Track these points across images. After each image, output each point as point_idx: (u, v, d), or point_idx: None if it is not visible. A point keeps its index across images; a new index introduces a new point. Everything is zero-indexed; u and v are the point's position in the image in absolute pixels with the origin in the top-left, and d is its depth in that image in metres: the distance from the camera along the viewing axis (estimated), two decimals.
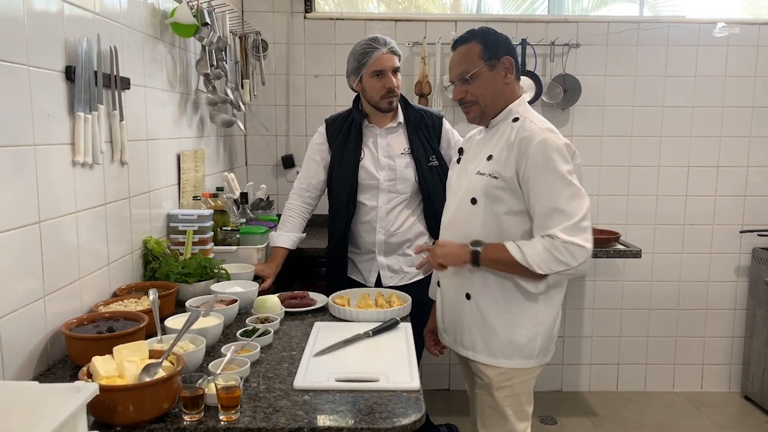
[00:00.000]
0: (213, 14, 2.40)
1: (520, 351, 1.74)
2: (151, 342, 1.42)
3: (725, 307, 3.57)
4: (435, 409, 3.24)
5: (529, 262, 1.59)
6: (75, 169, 1.58)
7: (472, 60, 1.73)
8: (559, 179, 1.59)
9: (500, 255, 1.64)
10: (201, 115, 2.66)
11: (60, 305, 1.52)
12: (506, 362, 1.74)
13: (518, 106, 1.76)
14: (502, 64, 1.73)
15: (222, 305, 1.76)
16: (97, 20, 1.70)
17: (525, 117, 1.71)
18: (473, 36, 1.76)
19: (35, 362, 1.42)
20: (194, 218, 2.17)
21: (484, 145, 1.79)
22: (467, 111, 1.80)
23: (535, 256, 1.59)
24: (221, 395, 1.20)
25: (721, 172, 3.46)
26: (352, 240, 2.44)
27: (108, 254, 1.78)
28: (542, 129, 1.65)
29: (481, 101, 1.75)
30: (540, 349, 1.75)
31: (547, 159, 1.60)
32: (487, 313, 1.74)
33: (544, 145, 1.61)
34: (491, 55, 1.72)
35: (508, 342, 1.73)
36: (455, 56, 1.78)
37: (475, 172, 1.75)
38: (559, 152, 1.60)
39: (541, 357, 1.77)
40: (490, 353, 1.75)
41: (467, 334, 1.79)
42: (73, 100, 1.55)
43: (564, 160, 1.60)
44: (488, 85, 1.73)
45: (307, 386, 1.35)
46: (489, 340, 1.75)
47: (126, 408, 1.15)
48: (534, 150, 1.61)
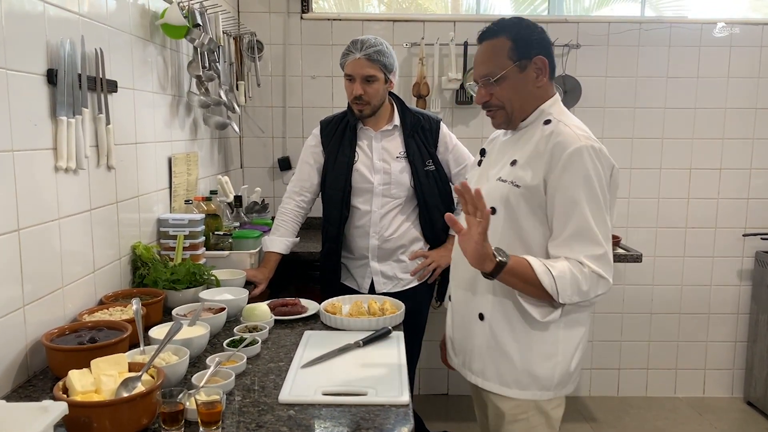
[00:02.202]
0: (205, 15, 2.36)
1: (537, 381, 1.53)
2: (133, 353, 1.38)
3: (728, 311, 3.52)
4: (433, 415, 3.20)
5: (558, 289, 1.41)
6: (57, 175, 1.54)
7: (499, 60, 1.51)
8: (593, 199, 1.42)
9: (523, 271, 1.43)
10: (194, 118, 2.62)
11: (42, 314, 1.48)
12: (520, 393, 1.54)
13: (551, 107, 1.56)
14: (534, 64, 1.51)
15: (210, 314, 1.72)
16: (82, 22, 1.66)
17: (559, 120, 1.51)
18: (502, 30, 1.52)
19: (14, 374, 1.38)
20: (185, 223, 2.13)
21: (509, 148, 1.60)
22: (492, 116, 1.60)
23: (564, 283, 1.41)
24: (202, 411, 1.16)
25: (723, 174, 3.41)
26: (346, 245, 2.40)
27: (94, 261, 1.74)
28: (578, 135, 1.45)
29: (507, 106, 1.55)
30: (559, 380, 1.55)
31: (584, 173, 1.42)
32: (502, 338, 1.54)
33: (580, 156, 1.42)
34: (522, 55, 1.50)
35: (524, 371, 1.53)
36: (480, 53, 1.56)
37: (496, 179, 1.55)
38: (596, 166, 1.43)
39: (560, 388, 1.56)
40: (502, 382, 1.56)
41: (477, 358, 1.60)
42: (55, 103, 1.51)
43: (599, 176, 1.43)
44: (517, 89, 1.53)
45: (293, 400, 1.31)
46: (501, 368, 1.56)
47: (102, 424, 1.11)
48: (569, 159, 1.42)
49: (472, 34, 3.23)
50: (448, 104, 3.34)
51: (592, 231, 1.43)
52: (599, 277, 1.43)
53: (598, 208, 1.43)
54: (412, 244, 2.39)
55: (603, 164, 1.45)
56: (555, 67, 1.57)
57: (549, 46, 1.55)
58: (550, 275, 1.41)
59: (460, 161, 2.41)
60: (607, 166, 1.46)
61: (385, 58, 2.22)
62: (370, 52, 2.20)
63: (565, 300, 1.43)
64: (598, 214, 1.43)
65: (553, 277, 1.41)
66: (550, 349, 1.53)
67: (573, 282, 1.41)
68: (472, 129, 3.36)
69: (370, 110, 2.28)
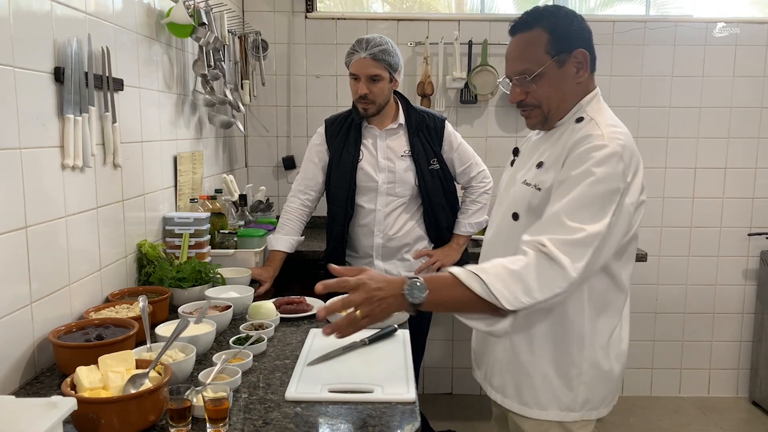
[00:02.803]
0: (210, 14, 2.37)
1: (558, 401, 1.40)
2: (139, 350, 1.39)
3: (733, 311, 3.51)
4: (437, 414, 3.20)
5: (494, 293, 1.19)
6: (64, 173, 1.55)
7: (535, 55, 1.36)
8: (586, 196, 1.26)
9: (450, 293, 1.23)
10: (199, 117, 2.62)
11: (48, 312, 1.49)
12: (540, 413, 1.42)
13: (588, 103, 1.41)
14: (574, 58, 1.37)
15: (216, 311, 1.72)
16: (89, 20, 1.66)
17: (592, 118, 1.36)
18: (538, 20, 1.37)
19: (22, 371, 1.38)
20: (190, 221, 2.13)
21: (538, 148, 1.47)
22: (527, 115, 1.45)
23: (498, 284, 1.20)
24: (209, 407, 1.16)
25: (728, 173, 3.40)
26: (350, 243, 2.40)
27: (100, 258, 1.75)
28: (604, 134, 1.30)
29: (544, 105, 1.40)
30: (584, 399, 1.40)
31: (587, 170, 1.27)
32: (521, 353, 1.42)
33: (590, 153, 1.28)
34: (561, 48, 1.35)
35: (544, 389, 1.41)
36: (514, 46, 1.41)
37: (522, 181, 1.44)
38: (608, 167, 1.26)
39: (588, 410, 1.41)
40: (521, 400, 1.44)
41: (498, 373, 1.49)
42: (62, 101, 1.51)
43: (609, 178, 1.26)
44: (555, 87, 1.38)
45: (300, 397, 1.31)
46: (521, 384, 1.44)
47: (110, 421, 1.11)
48: (578, 155, 1.30)
49: (476, 34, 3.27)
50: (453, 103, 3.34)
51: (565, 219, 1.25)
52: (555, 266, 1.21)
53: (589, 204, 1.26)
54: (417, 242, 2.40)
55: (620, 167, 1.28)
56: (596, 59, 1.43)
57: (590, 36, 1.41)
58: (479, 281, 1.21)
59: (464, 160, 2.41)
60: (626, 171, 1.29)
61: (390, 58, 2.22)
62: (375, 51, 2.20)
63: (512, 305, 1.20)
64: (586, 210, 1.25)
65: (485, 283, 1.20)
66: (575, 367, 1.39)
67: (515, 280, 1.21)
68: (477, 128, 3.36)
69: (375, 109, 2.28)
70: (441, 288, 1.24)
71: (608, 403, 1.46)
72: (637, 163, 1.33)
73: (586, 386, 1.40)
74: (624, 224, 1.32)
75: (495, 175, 2.55)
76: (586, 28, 1.41)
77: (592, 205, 1.26)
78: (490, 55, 3.25)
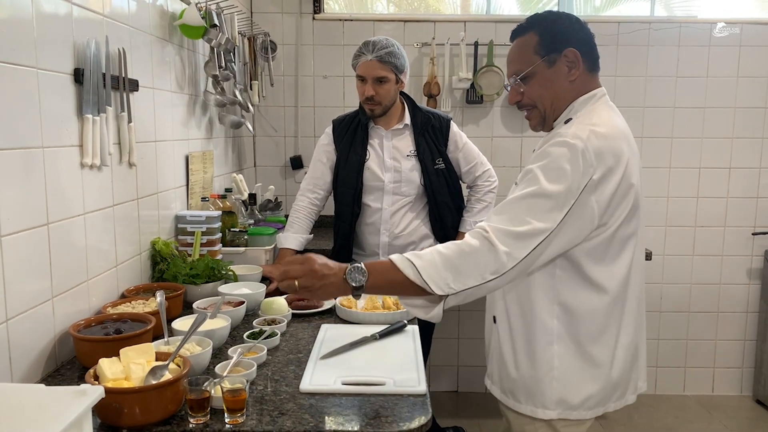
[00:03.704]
0: (222, 16, 2.41)
1: (531, 395, 1.43)
2: (158, 344, 1.42)
3: (737, 309, 3.54)
4: (443, 412, 3.23)
5: (424, 278, 1.25)
6: (83, 171, 1.59)
7: (527, 56, 1.43)
8: (540, 192, 1.28)
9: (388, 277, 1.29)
10: (210, 117, 2.66)
11: (68, 306, 1.53)
12: (517, 405, 1.46)
13: (583, 104, 1.43)
14: (564, 57, 1.41)
15: (229, 307, 1.76)
16: (106, 22, 1.70)
17: (578, 118, 1.39)
18: (531, 25, 1.44)
19: (43, 363, 1.42)
20: (202, 219, 2.17)
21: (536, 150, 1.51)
22: (528, 117, 1.51)
23: (430, 269, 1.25)
24: (227, 398, 1.20)
25: (733, 173, 3.43)
26: (357, 242, 2.44)
27: (116, 255, 1.79)
28: (570, 132, 1.32)
29: (539, 105, 1.45)
30: (559, 398, 1.41)
31: (544, 165, 1.31)
32: (504, 344, 1.48)
33: (550, 149, 1.32)
34: (550, 49, 1.41)
35: (521, 384, 1.45)
36: (511, 51, 1.49)
37: (515, 182, 1.48)
38: (564, 164, 1.28)
39: (565, 409, 1.41)
40: (502, 389, 1.50)
41: (490, 360, 1.57)
42: (81, 102, 1.56)
43: (564, 175, 1.27)
44: (547, 86, 1.43)
45: (314, 389, 1.35)
46: (502, 374, 1.50)
47: (132, 410, 1.15)
48: (541, 151, 1.35)
49: (482, 34, 3.31)
50: (459, 103, 3.38)
51: (520, 210, 1.28)
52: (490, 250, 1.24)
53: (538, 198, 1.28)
54: (422, 241, 2.43)
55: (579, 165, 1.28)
56: (597, 59, 1.46)
57: (586, 36, 1.44)
58: (413, 266, 1.26)
59: (469, 160, 2.45)
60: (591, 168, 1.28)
61: (396, 60, 2.26)
62: (381, 53, 2.24)
63: (442, 290, 1.25)
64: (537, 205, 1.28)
65: (416, 267, 1.26)
66: (546, 365, 1.41)
67: (446, 267, 1.25)
68: (482, 128, 3.40)
69: (381, 110, 2.32)
70: (380, 272, 1.30)
71: (591, 409, 1.43)
72: (612, 162, 1.31)
73: (558, 383, 1.41)
74: (586, 223, 1.31)
75: (500, 174, 2.59)
76: (580, 29, 1.44)
77: (546, 200, 1.28)
78: (495, 56, 3.28)
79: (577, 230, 1.31)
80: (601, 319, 1.41)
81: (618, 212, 1.35)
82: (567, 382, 1.41)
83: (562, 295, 1.40)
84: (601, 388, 1.43)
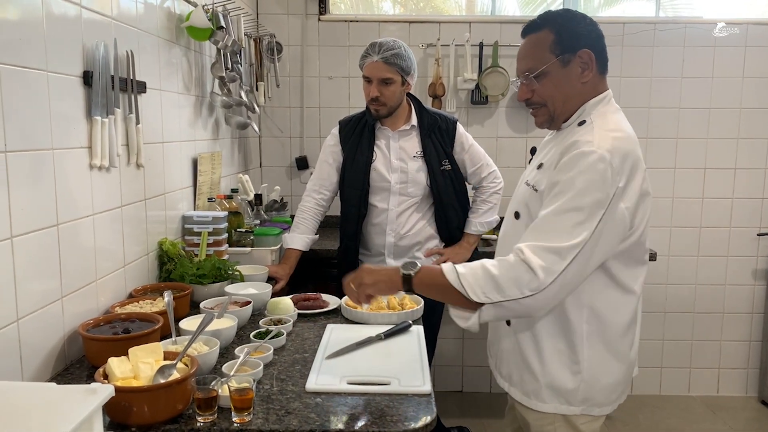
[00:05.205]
0: (228, 17, 2.42)
1: (558, 395, 1.44)
2: (165, 343, 1.44)
3: (742, 310, 3.53)
4: (447, 411, 3.24)
5: (464, 285, 1.30)
6: (92, 173, 1.61)
7: (541, 54, 1.41)
8: (571, 205, 1.29)
9: (434, 278, 1.36)
10: (216, 118, 2.68)
11: (77, 306, 1.55)
12: (541, 405, 1.47)
13: (595, 106, 1.43)
14: (578, 58, 1.40)
15: (236, 307, 1.78)
16: (114, 25, 1.72)
17: (593, 122, 1.39)
18: (546, 23, 1.43)
19: (53, 362, 1.44)
20: (209, 220, 2.19)
21: (545, 149, 1.54)
22: (534, 114, 1.51)
23: (472, 280, 1.30)
24: (234, 397, 1.21)
25: (738, 174, 3.42)
26: (363, 242, 2.45)
27: (124, 256, 1.81)
28: (594, 140, 1.32)
29: (549, 104, 1.45)
30: (584, 396, 1.43)
31: (572, 178, 1.30)
32: (524, 346, 1.48)
33: (578, 160, 1.30)
34: (565, 48, 1.40)
35: (545, 383, 1.45)
36: (523, 47, 1.47)
37: (524, 181, 1.51)
38: (593, 175, 1.28)
39: (590, 405, 1.44)
40: (524, 391, 1.50)
41: (505, 362, 1.56)
42: (90, 104, 1.57)
43: (595, 186, 1.28)
44: (559, 86, 1.42)
45: (320, 389, 1.36)
46: (524, 376, 1.49)
47: (141, 409, 1.17)
48: (567, 160, 1.32)
49: (487, 35, 3.32)
50: (464, 104, 3.38)
51: (554, 225, 1.30)
52: (527, 269, 1.27)
53: (572, 212, 1.29)
54: (428, 241, 2.44)
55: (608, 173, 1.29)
56: (607, 61, 1.47)
57: (598, 38, 1.44)
58: (455, 272, 1.33)
59: (475, 161, 2.46)
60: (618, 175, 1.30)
61: (402, 61, 2.27)
62: (387, 55, 2.25)
63: (478, 298, 1.29)
64: (569, 218, 1.29)
65: (458, 273, 1.32)
66: (573, 364, 1.43)
67: (486, 277, 1.30)
68: (487, 129, 3.40)
69: (387, 111, 2.33)
70: (428, 271, 1.39)
71: (613, 402, 1.48)
72: (633, 165, 1.33)
73: (586, 383, 1.43)
74: (619, 229, 1.33)
75: (506, 175, 2.60)
76: (594, 30, 1.44)
77: (577, 213, 1.29)
78: (500, 57, 3.29)
79: (613, 237, 1.33)
80: (627, 318, 1.46)
81: (641, 214, 1.38)
82: (595, 381, 1.44)
83: (591, 298, 1.42)
84: (620, 383, 1.48)
